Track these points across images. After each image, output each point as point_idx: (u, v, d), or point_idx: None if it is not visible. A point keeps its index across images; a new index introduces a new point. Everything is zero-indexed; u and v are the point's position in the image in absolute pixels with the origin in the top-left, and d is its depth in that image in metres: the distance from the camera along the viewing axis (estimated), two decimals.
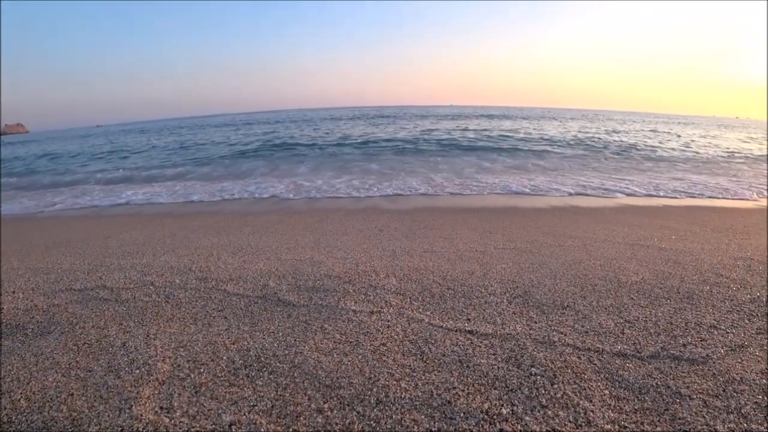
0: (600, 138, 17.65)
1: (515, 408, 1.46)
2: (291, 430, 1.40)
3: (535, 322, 2.10)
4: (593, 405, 1.49)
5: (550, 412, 1.44)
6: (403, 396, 1.53)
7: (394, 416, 1.43)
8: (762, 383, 1.64)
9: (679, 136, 21.11)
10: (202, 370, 1.75)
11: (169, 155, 14.88)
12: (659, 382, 1.64)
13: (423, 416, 1.43)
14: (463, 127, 22.10)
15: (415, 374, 1.67)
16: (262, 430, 1.40)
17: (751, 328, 2.10)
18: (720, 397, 1.56)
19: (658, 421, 1.43)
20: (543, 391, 1.55)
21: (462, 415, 1.43)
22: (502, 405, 1.47)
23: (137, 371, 1.75)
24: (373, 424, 1.41)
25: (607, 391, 1.58)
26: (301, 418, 1.44)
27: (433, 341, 1.91)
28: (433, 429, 1.38)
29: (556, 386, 1.58)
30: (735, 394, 1.58)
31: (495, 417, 1.42)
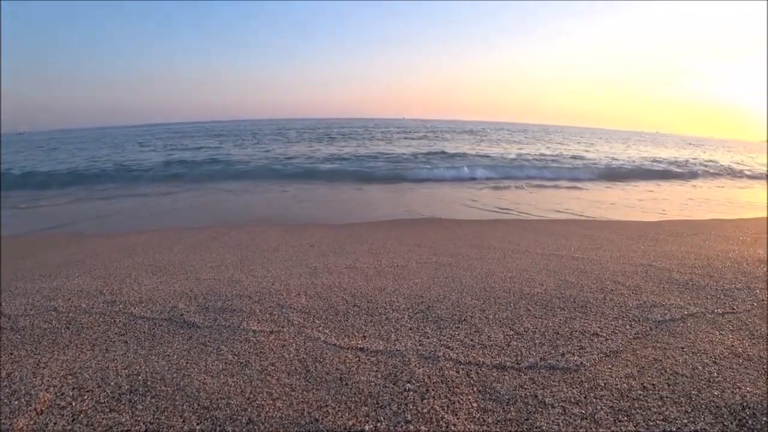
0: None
1: (379, 424, 1.53)
2: None
3: (428, 338, 2.19)
4: (457, 418, 1.58)
5: (412, 427, 1.52)
6: (274, 415, 1.58)
7: None
8: (622, 387, 1.77)
9: None
10: (85, 397, 1.74)
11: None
12: (528, 393, 1.73)
13: None
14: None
15: (293, 393, 1.72)
16: None
17: (630, 333, 2.26)
18: (580, 404, 1.66)
19: (516, 431, 1.53)
20: (411, 407, 1.63)
21: None
22: (367, 421, 1.54)
23: (16, 402, 1.72)
24: None
25: (475, 404, 1.66)
26: None
27: (321, 360, 1.97)
28: None
29: (425, 401, 1.67)
30: (594, 400, 1.68)
31: None
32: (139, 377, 1.86)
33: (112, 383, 1.83)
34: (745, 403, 1.64)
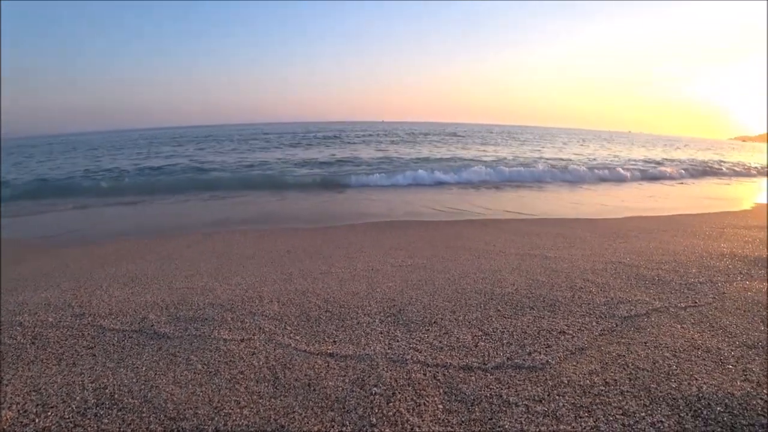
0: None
1: (344, 428, 1.55)
2: None
3: (397, 341, 2.22)
4: (422, 420, 1.60)
5: (377, 430, 1.54)
6: (241, 423, 1.58)
7: None
8: (585, 383, 1.82)
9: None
10: (49, 413, 1.71)
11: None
12: (493, 393, 1.75)
13: None
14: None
15: (261, 401, 1.73)
16: None
17: (596, 330, 2.32)
18: (543, 401, 1.70)
19: (480, 431, 1.55)
20: (377, 410, 1.65)
21: None
22: (333, 426, 1.56)
23: None
24: None
25: (441, 406, 1.69)
26: None
27: (290, 366, 1.98)
28: None
29: (391, 404, 1.69)
30: (557, 397, 1.73)
31: None
32: (106, 391, 1.84)
33: (77, 398, 1.81)
34: (701, 395, 1.71)
